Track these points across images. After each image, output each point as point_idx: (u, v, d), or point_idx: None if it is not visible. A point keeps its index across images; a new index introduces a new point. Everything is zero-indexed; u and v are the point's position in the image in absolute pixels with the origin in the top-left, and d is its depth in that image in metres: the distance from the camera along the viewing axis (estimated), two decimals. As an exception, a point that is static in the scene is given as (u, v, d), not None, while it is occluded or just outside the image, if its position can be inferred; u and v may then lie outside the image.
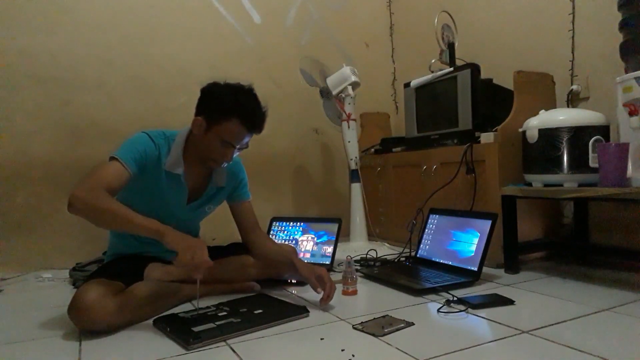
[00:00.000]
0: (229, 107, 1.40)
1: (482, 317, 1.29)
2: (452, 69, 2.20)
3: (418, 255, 1.94)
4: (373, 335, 1.17)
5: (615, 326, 1.19)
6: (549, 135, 1.67)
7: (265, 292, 1.59)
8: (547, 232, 2.07)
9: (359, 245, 2.40)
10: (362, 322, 1.26)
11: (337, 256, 1.99)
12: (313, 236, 2.09)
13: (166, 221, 1.39)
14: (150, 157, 1.42)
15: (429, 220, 1.97)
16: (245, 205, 1.68)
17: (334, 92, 2.47)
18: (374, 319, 1.29)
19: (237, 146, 1.45)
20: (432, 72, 2.29)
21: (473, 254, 1.70)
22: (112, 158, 1.36)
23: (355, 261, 2.00)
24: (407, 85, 2.46)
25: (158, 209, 1.47)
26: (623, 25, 1.65)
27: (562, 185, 1.65)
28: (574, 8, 2.08)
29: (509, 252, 1.80)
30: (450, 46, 2.28)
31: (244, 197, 1.69)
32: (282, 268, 1.62)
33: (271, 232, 2.21)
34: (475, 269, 1.65)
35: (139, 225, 1.25)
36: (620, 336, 1.13)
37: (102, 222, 1.29)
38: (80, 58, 2.33)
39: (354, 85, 2.45)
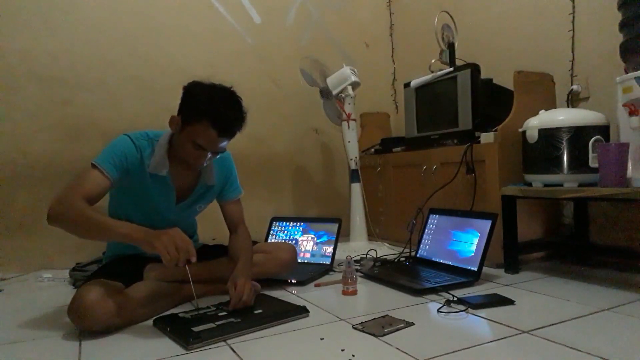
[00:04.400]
0: (201, 108, 1.34)
1: (482, 317, 1.29)
2: (452, 69, 2.20)
3: (418, 255, 1.94)
4: (373, 335, 1.17)
5: (615, 326, 1.19)
6: (549, 135, 1.67)
7: (265, 292, 1.59)
8: (547, 232, 2.07)
9: (359, 245, 2.40)
10: (362, 322, 1.26)
11: (337, 256, 1.99)
12: (313, 236, 2.09)
13: (156, 222, 1.41)
14: (132, 160, 1.40)
15: (429, 220, 1.97)
16: (233, 204, 1.67)
17: (334, 92, 2.47)
18: (374, 319, 1.29)
19: (209, 150, 1.38)
20: (432, 72, 2.29)
21: (473, 254, 1.69)
22: (93, 165, 1.33)
23: (355, 261, 2.00)
24: (407, 85, 2.46)
25: (147, 211, 1.48)
26: (623, 25, 1.65)
27: (562, 185, 1.65)
28: (574, 8, 2.08)
29: (509, 252, 1.79)
30: (450, 46, 2.28)
31: (234, 196, 1.67)
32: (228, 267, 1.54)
33: (271, 232, 2.21)
34: (475, 269, 1.65)
35: (112, 231, 1.23)
36: (620, 336, 1.13)
37: (79, 232, 1.26)
38: (80, 58, 2.33)
39: (354, 85, 2.45)
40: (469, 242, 1.74)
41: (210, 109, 1.34)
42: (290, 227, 2.18)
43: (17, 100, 2.20)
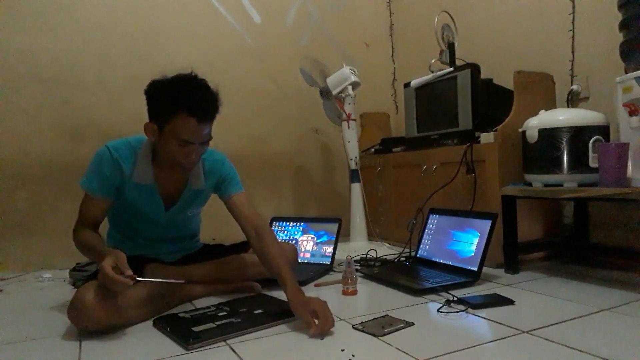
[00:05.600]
0: (171, 102, 1.29)
1: (482, 317, 1.29)
2: (452, 69, 2.20)
3: (418, 255, 1.94)
4: (373, 335, 1.17)
5: (615, 326, 1.19)
6: (549, 135, 1.67)
7: (265, 292, 1.59)
8: (547, 232, 2.07)
9: (359, 245, 2.40)
10: (362, 322, 1.26)
11: (337, 256, 1.99)
12: (313, 236, 2.09)
13: (149, 227, 1.46)
14: (113, 175, 1.39)
15: (429, 220, 1.97)
16: (235, 198, 1.55)
17: (334, 92, 2.47)
18: (374, 319, 1.29)
19: (195, 141, 1.32)
20: (432, 72, 2.29)
21: (473, 254, 1.69)
22: (85, 195, 1.40)
23: (355, 261, 2.00)
24: (407, 85, 2.46)
25: (138, 218, 1.50)
26: (623, 25, 1.65)
27: (562, 185, 1.65)
28: (574, 8, 2.08)
29: (509, 252, 1.79)
30: (450, 46, 2.28)
31: (232, 191, 1.56)
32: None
33: (271, 232, 2.21)
34: (475, 269, 1.65)
35: (95, 259, 1.31)
36: (620, 336, 1.13)
37: (86, 257, 1.42)
38: (80, 58, 2.33)
39: (354, 85, 2.45)
40: (469, 242, 1.73)
41: (181, 98, 1.29)
42: (290, 227, 2.18)
43: (17, 100, 2.21)
